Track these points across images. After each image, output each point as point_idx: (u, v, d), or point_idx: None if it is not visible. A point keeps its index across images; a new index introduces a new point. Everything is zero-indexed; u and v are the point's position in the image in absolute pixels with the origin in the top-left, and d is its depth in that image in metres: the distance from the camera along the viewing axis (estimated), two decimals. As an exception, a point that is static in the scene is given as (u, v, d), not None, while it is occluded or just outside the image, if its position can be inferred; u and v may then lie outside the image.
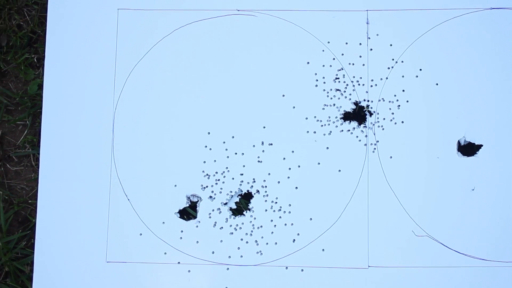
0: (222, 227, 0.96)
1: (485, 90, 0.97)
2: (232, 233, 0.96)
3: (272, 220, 0.96)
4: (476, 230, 0.94)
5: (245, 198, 0.98)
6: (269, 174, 0.97)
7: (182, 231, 0.96)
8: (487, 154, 0.96)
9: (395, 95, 0.98)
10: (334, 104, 0.98)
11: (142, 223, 0.96)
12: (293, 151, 0.97)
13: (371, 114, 0.98)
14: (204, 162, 0.98)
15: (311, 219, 0.96)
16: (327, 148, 0.97)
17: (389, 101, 0.98)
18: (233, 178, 0.97)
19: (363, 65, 0.99)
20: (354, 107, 0.98)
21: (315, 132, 0.98)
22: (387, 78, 0.98)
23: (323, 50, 1.00)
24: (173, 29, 1.01)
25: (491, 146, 0.96)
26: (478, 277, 0.93)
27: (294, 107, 0.98)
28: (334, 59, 0.99)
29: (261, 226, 0.96)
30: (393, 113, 0.98)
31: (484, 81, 0.98)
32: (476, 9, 0.99)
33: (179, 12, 1.01)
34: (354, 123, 0.98)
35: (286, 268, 0.95)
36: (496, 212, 0.95)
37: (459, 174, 0.96)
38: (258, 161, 0.98)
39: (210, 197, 0.97)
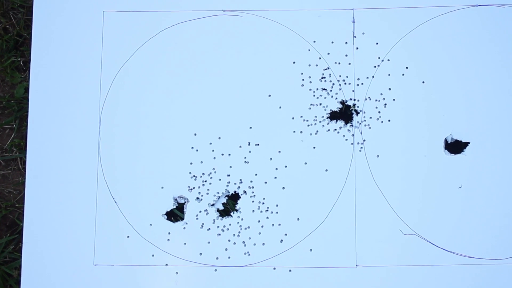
0: (209, 229, 0.96)
1: (471, 88, 0.97)
2: (220, 234, 0.96)
3: (259, 221, 0.96)
4: (464, 228, 0.94)
5: (232, 199, 0.97)
6: (256, 174, 0.97)
7: (169, 233, 0.96)
8: (474, 152, 0.96)
9: (381, 94, 0.98)
10: (320, 104, 0.98)
11: (129, 225, 0.96)
12: (279, 151, 0.97)
13: (357, 113, 0.98)
14: (191, 163, 0.98)
15: (298, 219, 0.95)
16: (314, 147, 0.97)
17: (376, 100, 0.98)
18: (220, 179, 0.97)
19: (349, 64, 0.99)
20: (340, 106, 0.98)
21: (301, 131, 0.97)
22: (373, 76, 0.98)
23: (309, 50, 0.99)
24: (158, 30, 1.01)
25: (478, 143, 0.96)
26: (466, 275, 0.93)
27: (280, 107, 0.98)
28: (320, 58, 0.99)
29: (249, 227, 0.96)
30: (379, 112, 0.97)
31: (471, 79, 0.97)
32: (462, 6, 0.99)
33: (165, 14, 1.01)
34: (340, 122, 0.98)
35: (274, 268, 0.94)
36: (484, 209, 0.94)
37: (447, 172, 0.95)
38: (245, 161, 0.97)
39: (197, 198, 0.97)
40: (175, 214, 0.97)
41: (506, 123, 0.96)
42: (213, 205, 0.97)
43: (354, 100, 0.98)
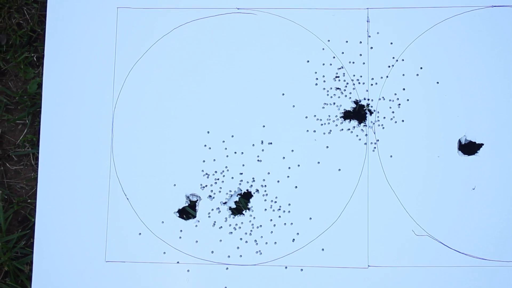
0: (221, 227, 0.96)
1: (486, 89, 0.97)
2: (232, 232, 0.96)
3: (271, 220, 0.96)
4: (477, 230, 0.94)
5: (245, 198, 0.97)
6: (268, 173, 0.97)
7: (181, 231, 0.96)
8: (487, 153, 0.95)
9: (395, 94, 0.97)
10: (334, 103, 0.98)
11: (141, 222, 0.96)
12: (292, 150, 0.97)
13: (371, 113, 0.97)
14: (204, 161, 0.97)
15: (310, 218, 0.95)
16: (327, 147, 0.97)
17: (390, 100, 0.97)
18: (232, 177, 0.97)
19: (364, 63, 0.98)
20: (354, 105, 0.98)
21: (315, 131, 0.97)
22: (387, 76, 0.98)
23: (323, 49, 0.99)
24: (172, 27, 1.01)
25: (492, 145, 0.96)
26: (478, 276, 0.92)
27: (294, 106, 0.98)
28: (334, 57, 0.99)
29: (261, 226, 0.96)
30: (393, 112, 0.97)
31: (485, 80, 0.97)
32: (477, 7, 0.99)
33: (179, 11, 1.01)
34: (354, 122, 0.97)
35: (286, 267, 0.94)
36: (497, 211, 0.94)
37: (460, 173, 0.95)
38: (258, 160, 0.97)
39: (210, 196, 0.97)
40: (187, 212, 0.97)
41: (521, 125, 0.96)
42: (225, 203, 0.97)
43: (368, 99, 0.98)
